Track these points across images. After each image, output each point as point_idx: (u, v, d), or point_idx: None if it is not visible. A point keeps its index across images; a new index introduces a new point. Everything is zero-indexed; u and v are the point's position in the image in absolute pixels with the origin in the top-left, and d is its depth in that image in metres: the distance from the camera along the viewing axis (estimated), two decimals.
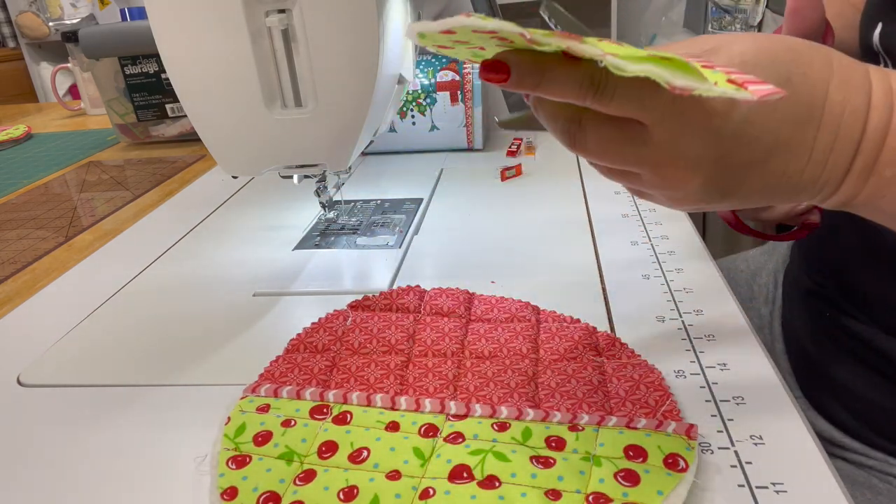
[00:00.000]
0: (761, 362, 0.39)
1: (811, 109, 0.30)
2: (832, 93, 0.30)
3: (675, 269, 0.50)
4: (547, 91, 0.30)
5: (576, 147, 0.32)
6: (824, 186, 0.31)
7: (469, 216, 0.64)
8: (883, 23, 0.47)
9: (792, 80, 0.29)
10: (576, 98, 0.29)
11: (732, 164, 0.30)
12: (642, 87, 0.28)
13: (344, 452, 0.33)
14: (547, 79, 0.29)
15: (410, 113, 0.80)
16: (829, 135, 0.30)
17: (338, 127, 0.45)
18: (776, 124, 0.29)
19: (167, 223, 0.69)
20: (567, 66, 0.29)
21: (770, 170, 0.30)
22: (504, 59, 0.29)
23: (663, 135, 0.29)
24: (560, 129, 0.32)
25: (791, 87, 0.29)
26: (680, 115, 0.29)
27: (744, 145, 0.29)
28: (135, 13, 1.00)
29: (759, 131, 0.29)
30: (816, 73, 0.30)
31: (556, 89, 0.29)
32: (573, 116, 0.31)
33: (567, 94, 0.29)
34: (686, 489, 0.29)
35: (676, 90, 0.25)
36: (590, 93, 0.29)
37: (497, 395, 0.37)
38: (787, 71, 0.29)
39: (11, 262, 0.64)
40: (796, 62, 0.30)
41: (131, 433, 0.37)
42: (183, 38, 0.42)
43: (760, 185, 0.31)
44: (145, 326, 0.49)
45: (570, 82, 0.29)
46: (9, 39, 2.97)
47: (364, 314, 0.46)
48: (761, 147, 0.30)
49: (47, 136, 1.18)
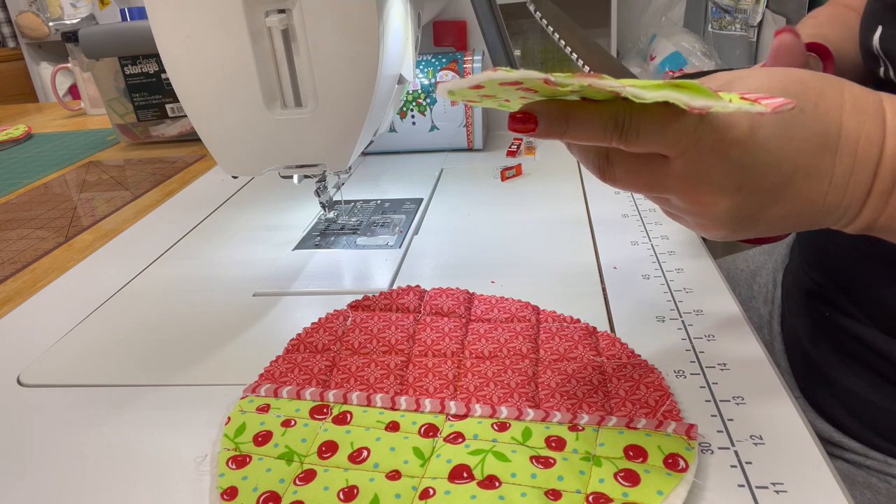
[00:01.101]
0: (761, 362, 0.39)
1: (826, 137, 0.31)
2: (846, 120, 0.31)
3: (675, 269, 0.50)
4: (574, 136, 0.32)
5: (606, 180, 0.34)
6: (847, 210, 0.32)
7: (469, 216, 0.64)
8: (883, 26, 0.47)
9: (804, 110, 0.31)
10: (601, 140, 0.31)
11: (755, 190, 0.31)
12: (664, 126, 0.30)
13: (344, 452, 0.33)
14: (572, 125, 0.31)
15: (410, 113, 0.80)
16: (847, 159, 0.31)
17: (338, 127, 0.45)
18: (793, 154, 0.31)
19: (167, 223, 0.69)
20: (591, 112, 0.31)
21: (793, 196, 0.32)
22: (531, 109, 0.31)
23: (686, 166, 0.31)
24: (592, 165, 0.34)
25: (803, 116, 0.31)
26: (700, 147, 0.31)
27: (764, 173, 0.31)
28: (135, 13, 1.00)
29: (776, 159, 0.31)
30: (828, 103, 0.31)
31: (583, 134, 0.31)
32: (602, 152, 0.33)
33: (593, 137, 0.31)
34: (686, 489, 0.29)
35: (695, 110, 0.27)
36: (615, 135, 0.31)
37: (497, 395, 0.37)
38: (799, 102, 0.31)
39: (11, 262, 0.64)
40: (806, 93, 0.31)
41: (131, 433, 0.37)
42: (183, 39, 0.42)
43: (785, 211, 0.32)
44: (145, 326, 0.49)
45: (595, 126, 0.31)
46: (9, 39, 2.98)
47: (364, 314, 0.46)
48: (781, 174, 0.31)
49: (47, 136, 1.18)
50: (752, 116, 0.31)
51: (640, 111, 0.31)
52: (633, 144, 0.31)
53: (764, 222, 0.33)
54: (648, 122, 0.30)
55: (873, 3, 0.50)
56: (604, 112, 0.31)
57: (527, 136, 0.33)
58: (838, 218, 0.33)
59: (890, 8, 0.47)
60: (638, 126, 0.31)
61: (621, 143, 0.31)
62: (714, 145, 0.31)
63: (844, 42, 0.55)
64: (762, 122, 0.31)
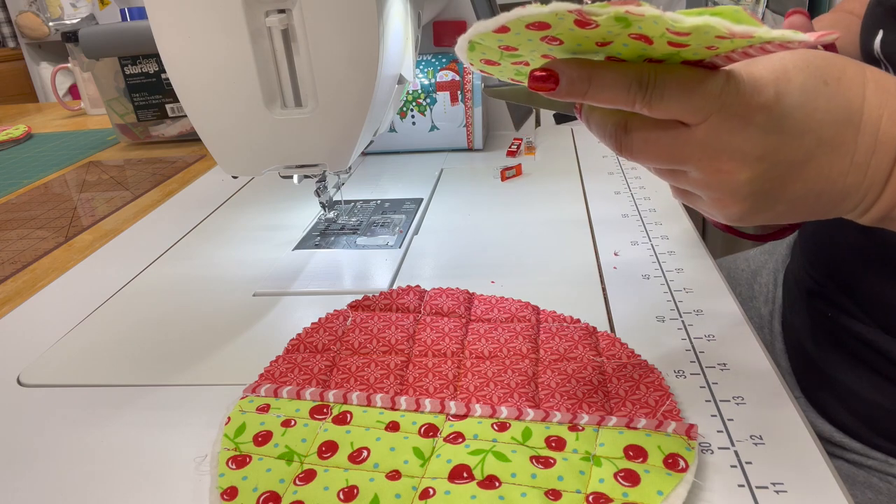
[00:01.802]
0: (761, 362, 0.39)
1: (849, 112, 0.31)
2: (869, 96, 0.31)
3: (675, 269, 0.50)
4: (596, 97, 0.31)
5: (623, 151, 0.33)
6: (867, 192, 0.32)
7: (469, 216, 0.64)
8: (884, 30, 0.47)
9: (828, 83, 0.31)
10: (625, 102, 0.30)
11: (777, 161, 0.31)
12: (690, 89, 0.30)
13: (344, 452, 0.33)
14: (595, 85, 0.30)
15: (410, 113, 0.80)
16: (869, 137, 0.31)
17: (338, 127, 0.45)
18: (816, 125, 0.30)
19: (167, 223, 0.69)
20: (615, 72, 0.30)
21: (814, 172, 0.31)
22: (553, 67, 0.30)
23: (708, 132, 0.30)
24: (608, 135, 0.33)
25: (827, 89, 0.30)
26: (725, 111, 0.30)
27: (787, 143, 0.30)
28: (135, 13, 1.00)
29: (801, 129, 0.30)
30: (851, 78, 0.31)
31: (606, 94, 0.30)
32: (620, 122, 0.32)
33: (616, 98, 0.30)
34: (686, 489, 0.29)
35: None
36: (638, 96, 0.30)
37: (497, 395, 0.37)
38: (821, 74, 0.31)
39: (11, 262, 0.64)
40: (829, 67, 0.31)
41: (131, 433, 0.37)
42: (183, 38, 0.42)
43: (805, 189, 0.32)
44: (145, 326, 0.49)
45: (618, 86, 0.30)
46: (9, 39, 2.98)
47: (364, 314, 0.46)
48: (804, 147, 0.31)
49: (47, 136, 1.18)
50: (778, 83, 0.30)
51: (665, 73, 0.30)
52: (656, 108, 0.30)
53: (783, 202, 0.32)
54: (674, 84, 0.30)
55: (874, 7, 0.50)
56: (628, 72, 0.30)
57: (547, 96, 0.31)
58: (857, 202, 0.32)
59: (891, 12, 0.47)
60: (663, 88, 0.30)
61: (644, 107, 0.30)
62: (739, 110, 0.30)
63: (847, 46, 0.55)
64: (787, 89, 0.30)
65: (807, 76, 0.30)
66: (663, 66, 0.30)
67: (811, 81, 0.30)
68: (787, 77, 0.30)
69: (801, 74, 0.30)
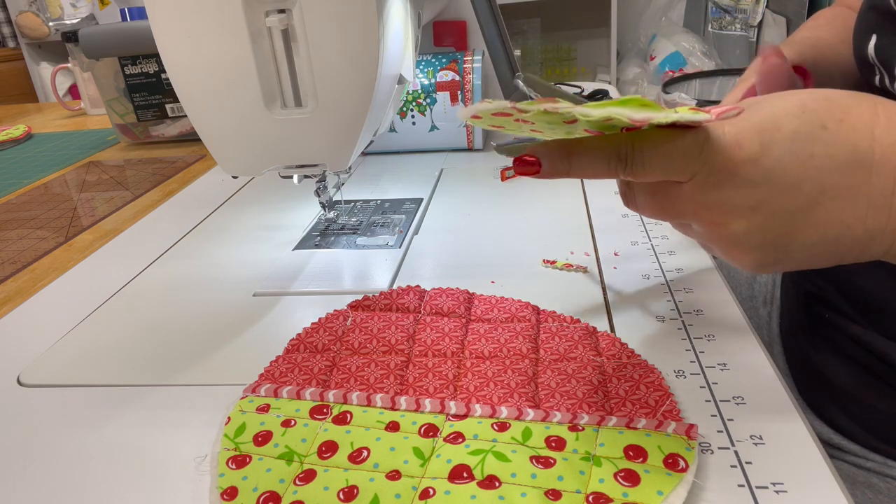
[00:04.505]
0: (761, 362, 0.39)
1: (856, 155, 0.29)
2: (880, 136, 0.29)
3: (675, 269, 0.50)
4: (580, 174, 0.32)
5: (630, 206, 0.35)
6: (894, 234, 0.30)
7: (469, 216, 0.64)
8: (877, 35, 0.47)
9: (827, 127, 0.30)
10: (609, 174, 0.31)
11: (776, 211, 0.30)
12: (668, 153, 0.30)
13: (344, 452, 0.33)
14: (575, 162, 0.31)
15: (410, 113, 0.80)
16: (885, 178, 0.29)
17: (338, 127, 0.45)
18: (815, 172, 0.29)
19: (167, 223, 0.69)
20: (593, 148, 0.31)
21: (824, 219, 0.30)
22: (533, 152, 0.32)
23: (695, 187, 0.31)
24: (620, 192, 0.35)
25: (826, 133, 0.29)
26: (709, 168, 0.30)
27: (782, 192, 0.30)
28: (135, 13, 1.00)
29: (796, 178, 0.29)
30: (856, 119, 0.30)
31: (588, 170, 0.32)
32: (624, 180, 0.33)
33: (599, 172, 0.31)
34: (686, 489, 0.29)
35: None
36: (619, 168, 0.31)
37: (497, 395, 0.37)
38: (819, 119, 0.30)
39: (11, 262, 0.64)
40: (830, 109, 0.30)
41: (131, 433, 0.37)
42: (183, 39, 0.42)
43: (819, 236, 0.31)
44: (145, 326, 0.49)
45: (598, 161, 0.31)
46: (9, 39, 2.98)
47: (364, 314, 0.46)
48: (804, 194, 0.30)
49: (47, 136, 1.18)
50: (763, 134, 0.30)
51: (641, 141, 0.30)
52: (640, 176, 0.31)
53: (798, 249, 0.31)
54: (652, 151, 0.30)
55: (867, 12, 0.50)
56: (606, 147, 0.30)
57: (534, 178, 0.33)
58: (888, 245, 0.31)
59: (885, 16, 0.47)
60: (642, 157, 0.30)
61: (629, 176, 0.31)
62: (723, 165, 0.30)
63: (844, 43, 0.55)
64: (774, 139, 0.30)
65: (800, 123, 0.30)
66: (640, 134, 0.30)
67: (805, 128, 0.30)
68: (775, 126, 0.30)
69: (794, 122, 0.30)
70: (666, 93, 1.81)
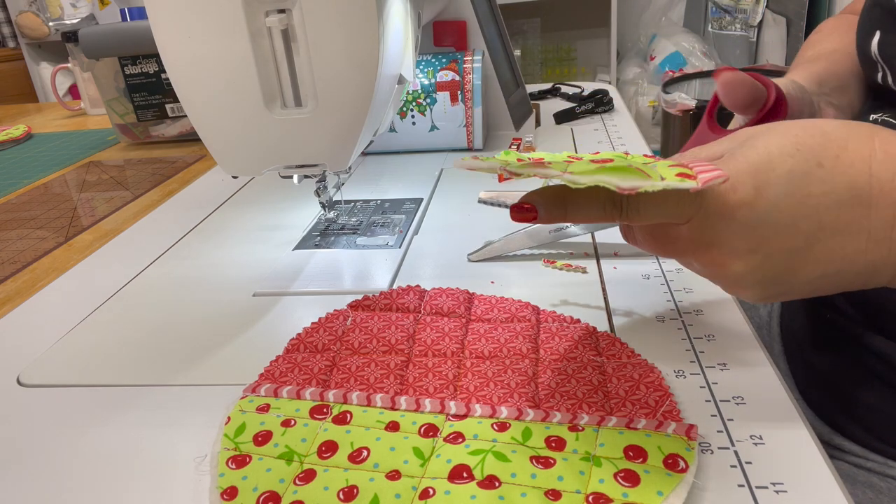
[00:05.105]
0: (761, 362, 0.39)
1: (854, 191, 0.29)
2: (877, 171, 0.29)
3: (675, 269, 0.50)
4: (576, 219, 0.32)
5: (630, 242, 0.36)
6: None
7: (469, 216, 0.64)
8: (881, 31, 0.47)
9: (823, 165, 0.29)
10: (605, 219, 0.32)
11: (774, 251, 0.30)
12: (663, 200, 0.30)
13: (344, 452, 0.33)
14: (571, 209, 0.32)
15: (410, 113, 0.80)
16: (884, 212, 0.29)
17: (338, 127, 0.45)
18: (812, 210, 0.29)
19: (167, 223, 0.69)
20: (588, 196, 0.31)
21: (824, 255, 0.30)
22: (529, 200, 0.32)
23: (692, 230, 0.31)
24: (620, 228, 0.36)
25: (822, 171, 0.29)
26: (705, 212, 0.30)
27: (780, 233, 0.30)
28: (135, 13, 1.00)
29: (793, 218, 0.29)
30: (853, 154, 0.30)
31: (583, 216, 0.32)
32: None
33: (595, 217, 0.32)
34: (686, 489, 0.29)
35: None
36: (615, 213, 0.31)
37: (497, 395, 0.37)
38: (815, 156, 0.29)
39: (11, 262, 0.64)
40: (825, 146, 0.30)
41: (131, 433, 0.37)
42: (183, 38, 0.42)
43: (820, 271, 0.31)
44: (145, 326, 0.49)
45: (594, 208, 0.31)
46: (9, 39, 2.98)
47: (364, 314, 0.46)
48: (802, 233, 0.30)
49: (47, 136, 1.18)
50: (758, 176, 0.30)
51: None
52: (636, 220, 0.31)
53: (800, 284, 0.31)
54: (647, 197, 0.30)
55: (871, 9, 0.50)
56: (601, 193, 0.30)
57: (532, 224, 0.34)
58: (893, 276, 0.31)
59: (889, 13, 0.47)
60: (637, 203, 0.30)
61: (625, 221, 0.31)
62: (718, 209, 0.30)
63: (849, 46, 0.55)
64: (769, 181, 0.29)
65: (796, 162, 0.30)
66: None
67: (801, 166, 0.29)
68: (770, 167, 0.30)
69: (789, 161, 0.30)
70: (666, 93, 1.81)
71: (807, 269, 0.30)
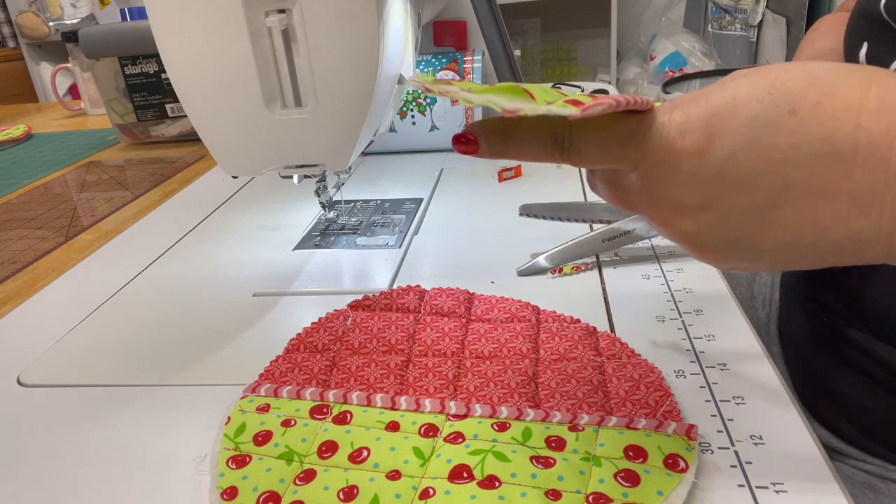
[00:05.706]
0: (761, 362, 0.39)
1: (831, 144, 0.24)
2: (867, 122, 0.24)
3: (675, 269, 0.50)
4: (516, 154, 0.30)
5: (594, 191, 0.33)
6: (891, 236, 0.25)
7: (469, 216, 0.64)
8: (868, 43, 0.47)
9: (797, 112, 0.25)
10: (546, 158, 0.29)
11: (728, 210, 0.27)
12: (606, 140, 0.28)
13: (344, 452, 0.33)
14: (512, 144, 0.30)
15: (410, 113, 0.80)
16: (872, 173, 0.24)
17: (338, 127, 0.45)
18: (777, 165, 0.25)
19: (167, 223, 0.69)
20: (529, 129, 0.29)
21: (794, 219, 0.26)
22: (470, 130, 0.30)
23: (639, 179, 0.28)
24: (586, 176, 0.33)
25: (793, 119, 0.25)
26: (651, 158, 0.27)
27: (735, 189, 0.26)
28: (135, 13, 1.00)
29: (753, 174, 0.26)
30: (838, 101, 0.25)
31: (525, 152, 0.30)
32: None
33: (535, 156, 0.30)
34: (686, 489, 0.29)
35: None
36: (556, 152, 0.29)
37: (497, 395, 0.37)
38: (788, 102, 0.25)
39: (11, 262, 0.64)
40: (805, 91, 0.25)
41: (131, 433, 0.37)
42: (183, 38, 0.42)
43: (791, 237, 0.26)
44: (145, 326, 0.49)
45: (534, 144, 0.29)
46: (9, 39, 2.98)
47: (364, 314, 0.46)
48: (763, 191, 0.26)
49: (47, 136, 1.18)
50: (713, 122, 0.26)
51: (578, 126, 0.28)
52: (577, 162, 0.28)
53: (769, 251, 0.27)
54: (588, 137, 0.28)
55: (857, 20, 0.49)
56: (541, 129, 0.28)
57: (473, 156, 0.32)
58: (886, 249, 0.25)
59: (876, 24, 0.46)
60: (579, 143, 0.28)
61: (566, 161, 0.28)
62: (664, 157, 0.27)
63: None
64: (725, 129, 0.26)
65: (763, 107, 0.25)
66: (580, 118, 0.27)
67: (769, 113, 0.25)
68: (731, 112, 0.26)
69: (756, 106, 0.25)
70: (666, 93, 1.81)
71: (774, 234, 0.26)
